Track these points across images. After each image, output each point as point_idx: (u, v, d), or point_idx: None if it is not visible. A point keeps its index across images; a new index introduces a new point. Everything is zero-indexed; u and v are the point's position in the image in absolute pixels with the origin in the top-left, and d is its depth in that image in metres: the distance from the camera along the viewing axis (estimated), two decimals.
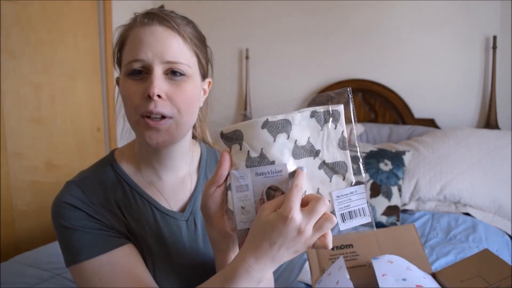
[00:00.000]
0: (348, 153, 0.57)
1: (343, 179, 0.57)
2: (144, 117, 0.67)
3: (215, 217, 0.59)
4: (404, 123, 2.39)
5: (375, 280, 0.78)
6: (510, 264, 0.77)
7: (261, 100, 2.70)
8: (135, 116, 0.68)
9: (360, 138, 2.29)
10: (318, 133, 0.57)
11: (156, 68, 0.66)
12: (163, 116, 0.67)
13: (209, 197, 0.58)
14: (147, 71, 0.67)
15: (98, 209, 0.71)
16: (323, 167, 0.57)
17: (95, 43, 2.41)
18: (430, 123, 2.32)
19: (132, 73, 0.67)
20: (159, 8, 0.74)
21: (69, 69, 2.23)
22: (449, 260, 1.40)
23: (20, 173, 1.99)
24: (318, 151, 0.57)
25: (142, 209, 0.75)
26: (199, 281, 0.62)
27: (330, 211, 0.56)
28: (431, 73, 2.33)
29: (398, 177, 1.87)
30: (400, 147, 2.05)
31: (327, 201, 0.52)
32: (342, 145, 0.57)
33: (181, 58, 0.68)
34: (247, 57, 2.68)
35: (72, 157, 2.27)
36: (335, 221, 0.52)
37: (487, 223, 1.77)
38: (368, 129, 2.34)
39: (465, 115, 2.28)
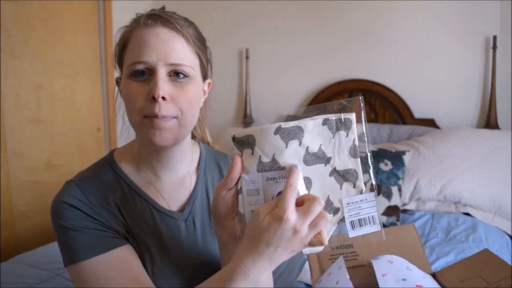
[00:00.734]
0: (359, 161, 0.58)
1: (353, 187, 0.58)
2: (147, 117, 0.67)
3: (225, 219, 0.60)
4: (404, 123, 2.38)
5: (375, 280, 0.78)
6: (510, 264, 0.77)
7: (261, 100, 2.70)
8: (138, 117, 0.68)
9: (360, 138, 2.29)
10: (329, 141, 0.57)
11: (160, 70, 0.66)
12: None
13: (219, 200, 0.58)
14: (150, 72, 0.67)
15: (97, 209, 0.71)
16: (333, 174, 0.57)
17: (95, 43, 2.41)
18: (430, 123, 2.32)
19: (135, 74, 0.67)
20: (161, 9, 0.73)
21: (69, 69, 2.23)
22: (449, 260, 1.40)
23: (20, 173, 1.99)
24: (329, 158, 0.57)
25: (141, 209, 0.75)
26: (197, 281, 0.62)
27: (340, 218, 0.57)
28: (431, 73, 2.32)
29: (398, 177, 1.87)
30: (400, 147, 2.05)
31: (322, 202, 0.52)
32: (353, 153, 0.58)
33: (184, 60, 0.68)
34: (247, 57, 2.68)
35: (72, 157, 2.27)
36: (328, 217, 0.52)
37: (487, 223, 1.77)
38: (368, 129, 2.33)
39: (465, 115, 2.28)
